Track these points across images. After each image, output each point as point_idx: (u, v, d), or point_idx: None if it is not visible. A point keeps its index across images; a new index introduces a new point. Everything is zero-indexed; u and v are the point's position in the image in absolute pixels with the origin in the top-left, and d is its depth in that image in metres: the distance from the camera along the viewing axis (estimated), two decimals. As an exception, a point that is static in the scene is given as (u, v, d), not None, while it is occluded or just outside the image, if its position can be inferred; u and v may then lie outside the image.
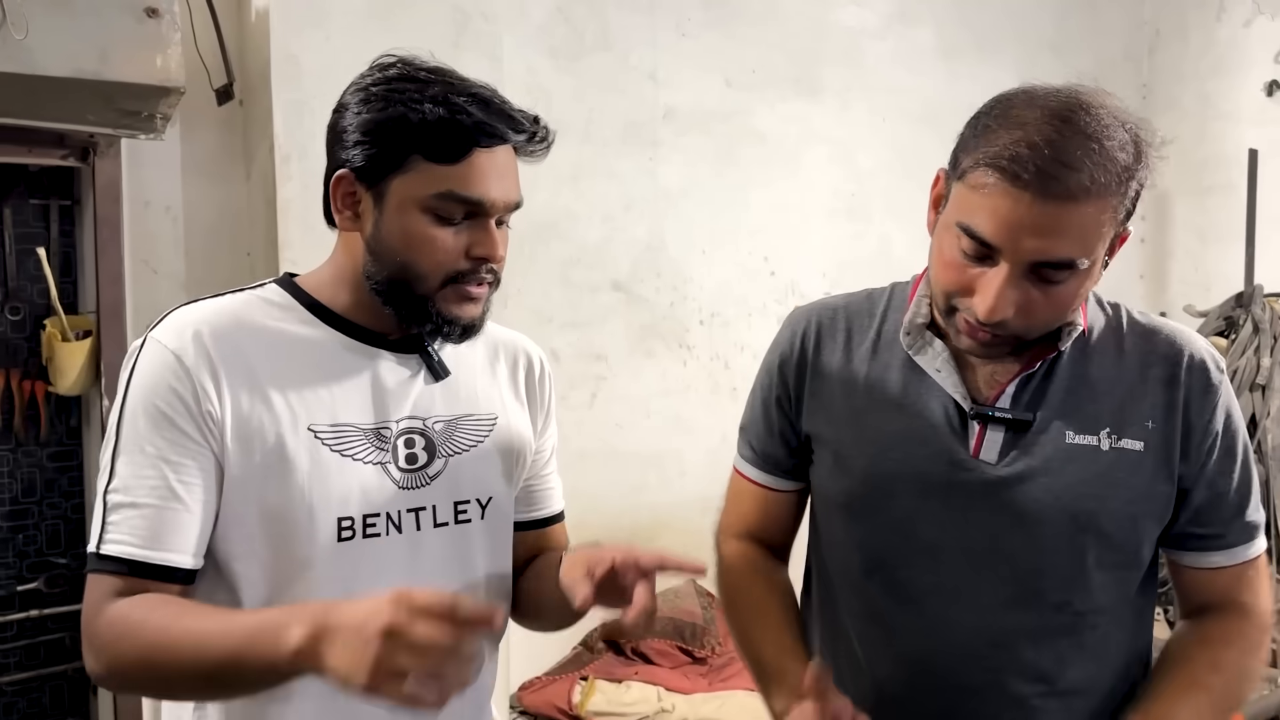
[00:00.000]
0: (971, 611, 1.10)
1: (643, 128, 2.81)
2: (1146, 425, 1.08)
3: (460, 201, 1.04)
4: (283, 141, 2.20)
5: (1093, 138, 0.95)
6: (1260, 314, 3.12)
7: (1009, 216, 0.96)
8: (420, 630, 0.82)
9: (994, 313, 0.99)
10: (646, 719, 2.41)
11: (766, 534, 1.28)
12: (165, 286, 2.32)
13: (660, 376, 2.89)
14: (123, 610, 0.97)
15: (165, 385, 1.01)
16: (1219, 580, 1.14)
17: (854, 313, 1.22)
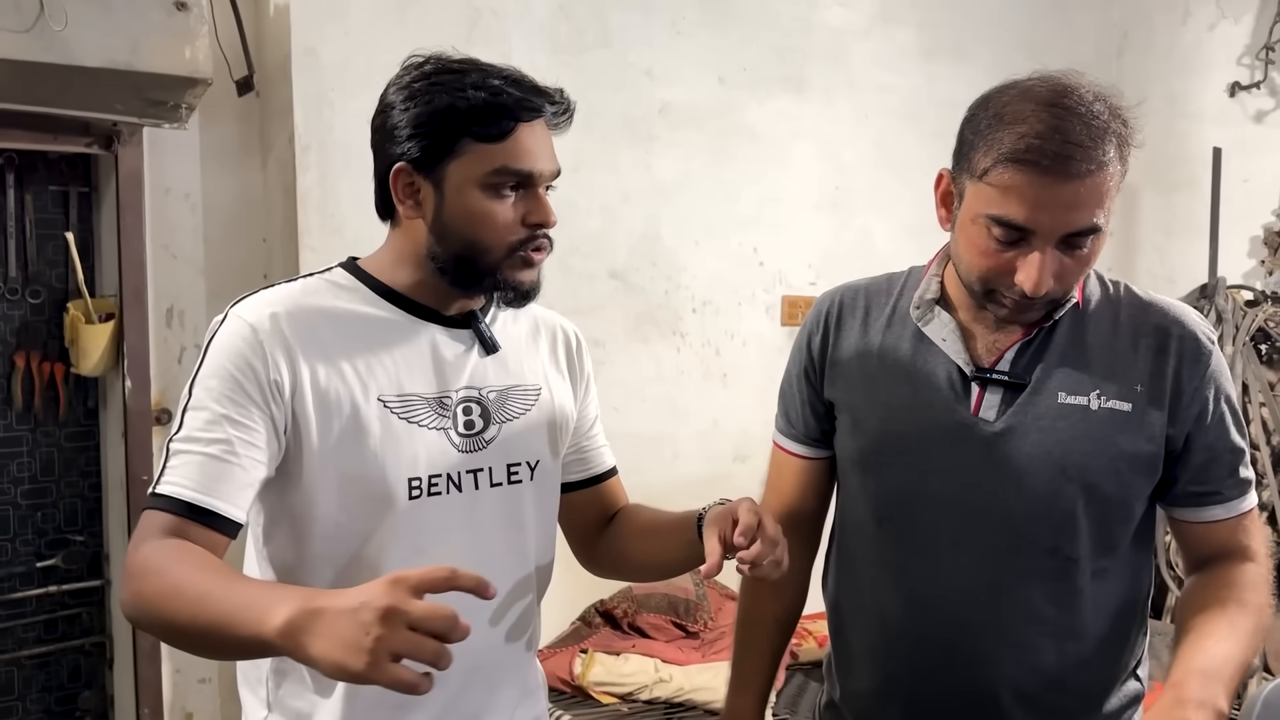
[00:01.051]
0: (971, 555, 1.21)
1: (640, 123, 2.91)
2: (1135, 389, 1.19)
3: (513, 174, 1.13)
4: (302, 132, 2.28)
5: (1086, 115, 1.07)
6: (1223, 305, 3.28)
7: (1039, 200, 1.07)
8: (419, 609, 0.83)
9: (1040, 287, 1.10)
10: (645, 688, 2.51)
11: (805, 503, 1.39)
12: (184, 271, 2.39)
13: (655, 362, 2.99)
14: (156, 548, 1.02)
15: (239, 353, 1.10)
16: (1219, 532, 1.24)
17: (874, 292, 1.34)
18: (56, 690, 2.43)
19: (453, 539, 1.18)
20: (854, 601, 1.35)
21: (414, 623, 0.83)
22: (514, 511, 1.24)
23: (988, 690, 1.23)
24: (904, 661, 1.29)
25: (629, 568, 1.41)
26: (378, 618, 0.82)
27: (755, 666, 1.43)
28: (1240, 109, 3.59)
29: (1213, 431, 1.21)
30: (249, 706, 1.22)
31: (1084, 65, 3.84)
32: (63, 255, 2.31)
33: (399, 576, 0.85)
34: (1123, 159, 1.10)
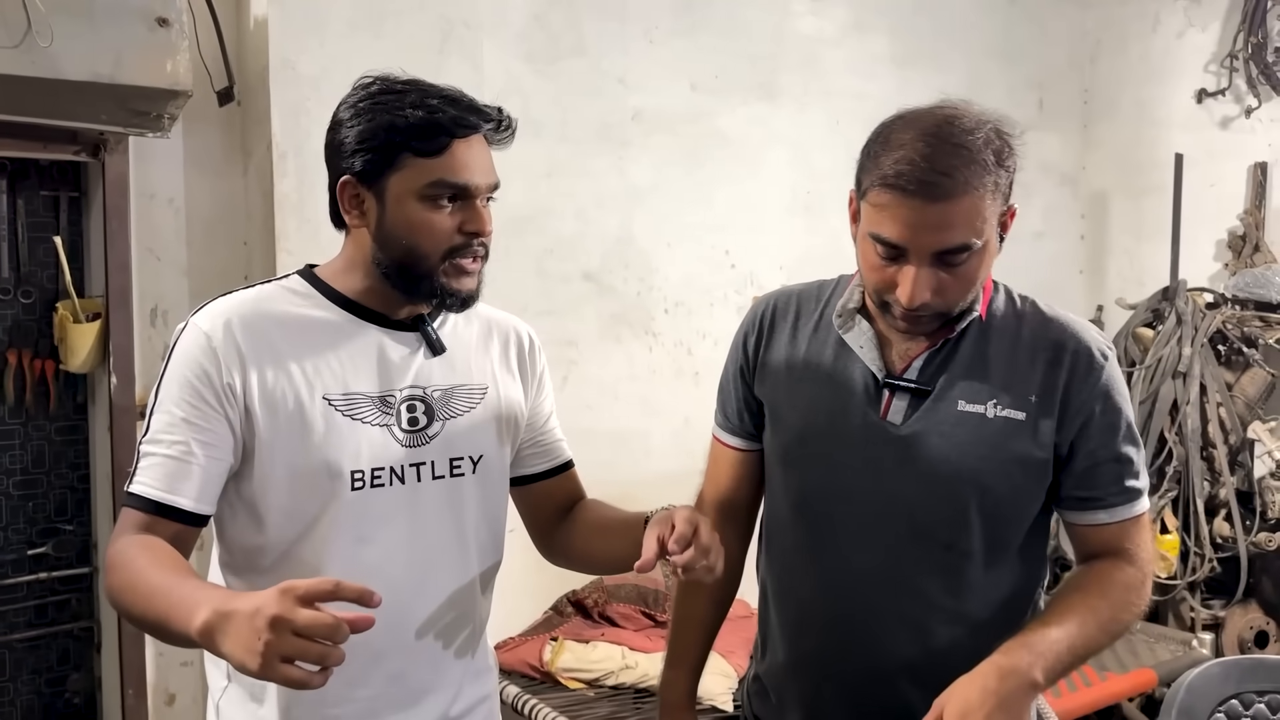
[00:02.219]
0: (876, 546, 1.32)
1: (613, 129, 2.99)
2: (1030, 399, 1.29)
3: (448, 187, 1.23)
4: (280, 140, 2.38)
5: (959, 144, 1.17)
6: (1183, 307, 3.36)
7: (906, 221, 1.18)
8: (302, 618, 0.93)
9: (914, 299, 1.21)
10: (612, 674, 2.61)
11: (739, 491, 1.50)
12: (168, 273, 2.49)
13: (628, 361, 3.08)
14: (125, 545, 1.16)
15: (196, 360, 1.21)
16: (1103, 535, 1.33)
17: (805, 298, 1.44)
18: (46, 672, 2.53)
19: (395, 526, 1.28)
20: (776, 583, 1.45)
21: (299, 629, 0.93)
22: (455, 502, 1.33)
23: (886, 668, 1.33)
24: (814, 640, 1.39)
25: (581, 560, 1.49)
26: (266, 625, 0.93)
27: (691, 641, 1.54)
28: (1207, 115, 3.68)
29: (1096, 440, 1.30)
30: (212, 678, 1.33)
31: (1057, 72, 3.95)
32: (52, 258, 2.40)
33: (287, 587, 0.95)
34: (998, 183, 1.19)
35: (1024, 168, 3.55)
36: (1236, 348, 3.29)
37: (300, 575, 1.19)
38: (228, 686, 1.30)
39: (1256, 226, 3.50)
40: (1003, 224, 1.27)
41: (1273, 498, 3.16)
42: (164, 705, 2.53)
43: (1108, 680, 2.80)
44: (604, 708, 2.49)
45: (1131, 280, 3.85)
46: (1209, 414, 3.24)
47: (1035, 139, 3.85)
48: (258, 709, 1.27)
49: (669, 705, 1.54)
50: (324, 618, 0.94)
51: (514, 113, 1.29)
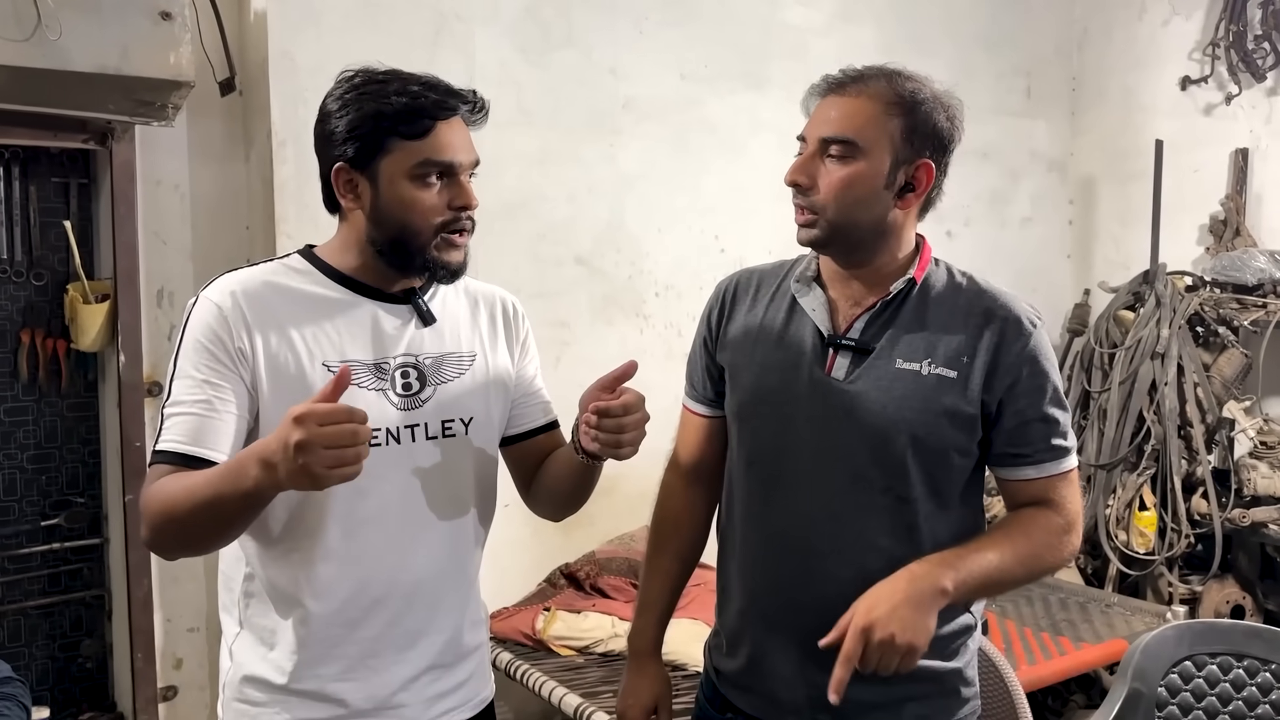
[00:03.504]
0: (821, 493, 1.42)
1: (604, 117, 3.07)
2: (961, 360, 1.39)
3: (435, 165, 1.34)
4: (279, 129, 2.48)
5: (887, 72, 1.38)
6: (1163, 290, 3.43)
7: (813, 116, 1.40)
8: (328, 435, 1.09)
9: (792, 174, 1.39)
10: (601, 642, 2.71)
11: (705, 455, 1.60)
12: (174, 256, 2.58)
13: (619, 343, 3.16)
14: (158, 484, 1.27)
15: (209, 327, 1.32)
16: (1031, 489, 1.43)
17: (766, 274, 1.56)
18: (60, 639, 2.64)
19: (392, 482, 1.39)
20: (732, 533, 1.55)
21: (325, 441, 1.09)
22: (448, 459, 1.44)
23: (832, 608, 1.36)
24: (765, 583, 1.49)
25: (546, 498, 1.59)
26: (298, 451, 1.09)
27: (656, 591, 1.64)
28: (1190, 102, 3.74)
29: (1023, 400, 1.40)
30: (226, 626, 1.44)
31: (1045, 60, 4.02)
32: (63, 241, 2.51)
33: (302, 413, 1.10)
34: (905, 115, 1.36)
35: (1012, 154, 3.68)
36: (1213, 329, 3.37)
37: (304, 526, 1.35)
38: (240, 632, 1.42)
39: (1237, 211, 3.57)
40: (913, 175, 1.39)
41: (1248, 475, 3.23)
42: (171, 669, 2.65)
43: (1082, 649, 2.89)
44: (594, 673, 2.59)
45: (1118, 264, 3.92)
46: (1186, 394, 3.31)
47: (1023, 126, 3.97)
48: (268, 652, 1.39)
49: (637, 653, 1.64)
50: (339, 419, 1.11)
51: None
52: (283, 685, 1.37)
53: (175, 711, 2.64)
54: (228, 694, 1.42)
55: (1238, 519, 3.19)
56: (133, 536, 2.50)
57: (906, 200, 1.40)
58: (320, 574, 1.36)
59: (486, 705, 1.56)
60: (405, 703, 1.42)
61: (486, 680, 1.56)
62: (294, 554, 1.36)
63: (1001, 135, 3.89)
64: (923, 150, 1.38)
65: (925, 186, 1.40)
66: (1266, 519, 3.17)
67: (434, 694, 1.45)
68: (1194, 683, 2.05)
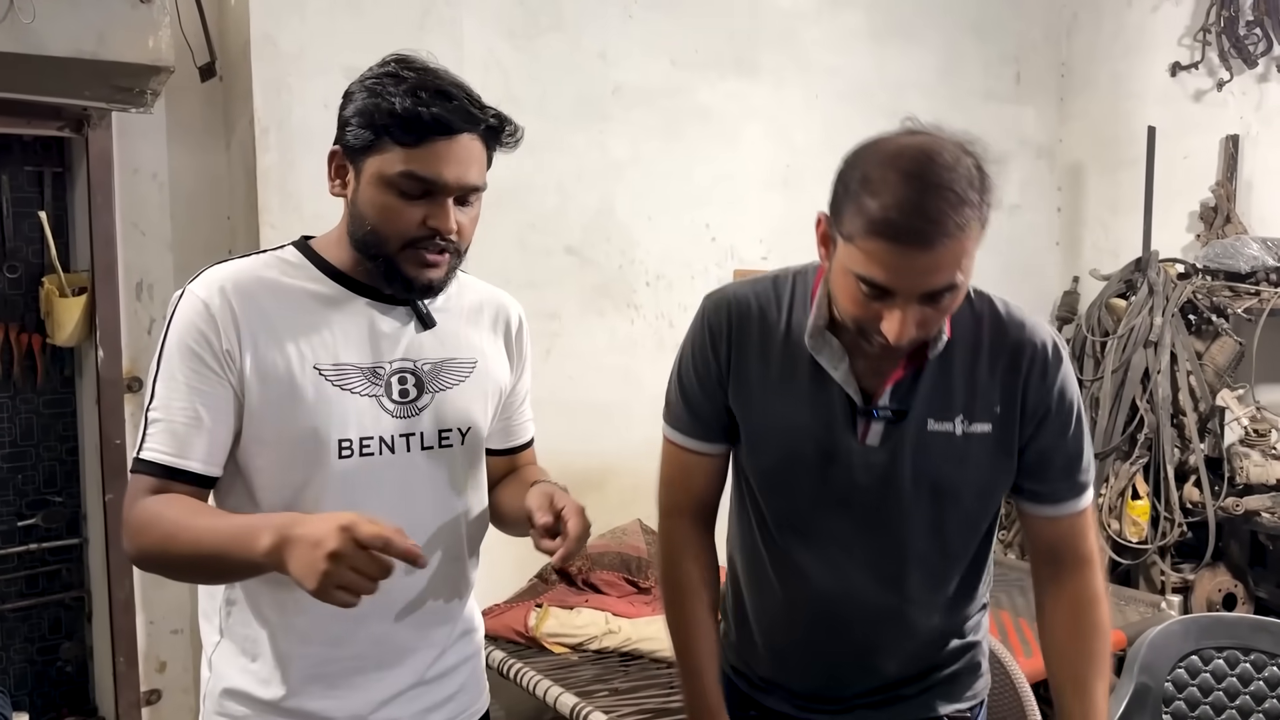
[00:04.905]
0: (861, 556, 1.37)
1: (594, 104, 3.02)
2: (994, 410, 1.33)
3: (418, 180, 1.23)
4: (261, 115, 2.41)
5: (945, 186, 1.13)
6: (1155, 278, 3.42)
7: (897, 267, 1.16)
8: (360, 560, 1.06)
9: (902, 338, 1.19)
10: (595, 639, 2.67)
11: (713, 494, 1.48)
12: (153, 247, 2.51)
13: (609, 334, 3.12)
14: (148, 505, 1.21)
15: (195, 327, 1.24)
16: (1054, 527, 1.40)
17: (763, 304, 1.38)
18: (39, 641, 2.58)
19: (385, 495, 1.31)
20: (752, 581, 1.48)
21: (355, 565, 1.07)
22: (445, 472, 1.37)
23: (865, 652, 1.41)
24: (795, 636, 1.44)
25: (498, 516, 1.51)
26: (326, 557, 1.05)
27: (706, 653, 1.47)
28: (1180, 89, 3.72)
29: (1048, 437, 1.35)
30: (206, 634, 1.37)
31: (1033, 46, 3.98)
32: (38, 232, 2.43)
33: (349, 524, 1.07)
34: (982, 219, 1.17)
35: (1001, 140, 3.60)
36: (1206, 317, 3.35)
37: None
38: (220, 642, 1.34)
39: (1228, 198, 3.56)
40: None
41: (1240, 464, 3.23)
42: (155, 672, 2.58)
43: (1078, 641, 2.87)
44: (588, 670, 2.55)
45: (1106, 252, 3.91)
46: (1179, 382, 3.30)
47: (1012, 113, 3.94)
48: (249, 663, 1.32)
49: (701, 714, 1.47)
50: (377, 560, 1.08)
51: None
52: (264, 700, 1.31)
53: (159, 715, 2.58)
54: (208, 706, 1.35)
55: (1231, 507, 3.19)
56: (113, 536, 2.43)
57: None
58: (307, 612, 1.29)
59: (480, 717, 1.50)
60: (391, 718, 1.36)
61: (479, 692, 1.50)
62: None
63: (990, 122, 3.85)
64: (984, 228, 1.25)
65: None
66: (1259, 507, 3.17)
67: (420, 709, 1.39)
68: (1200, 677, 2.03)
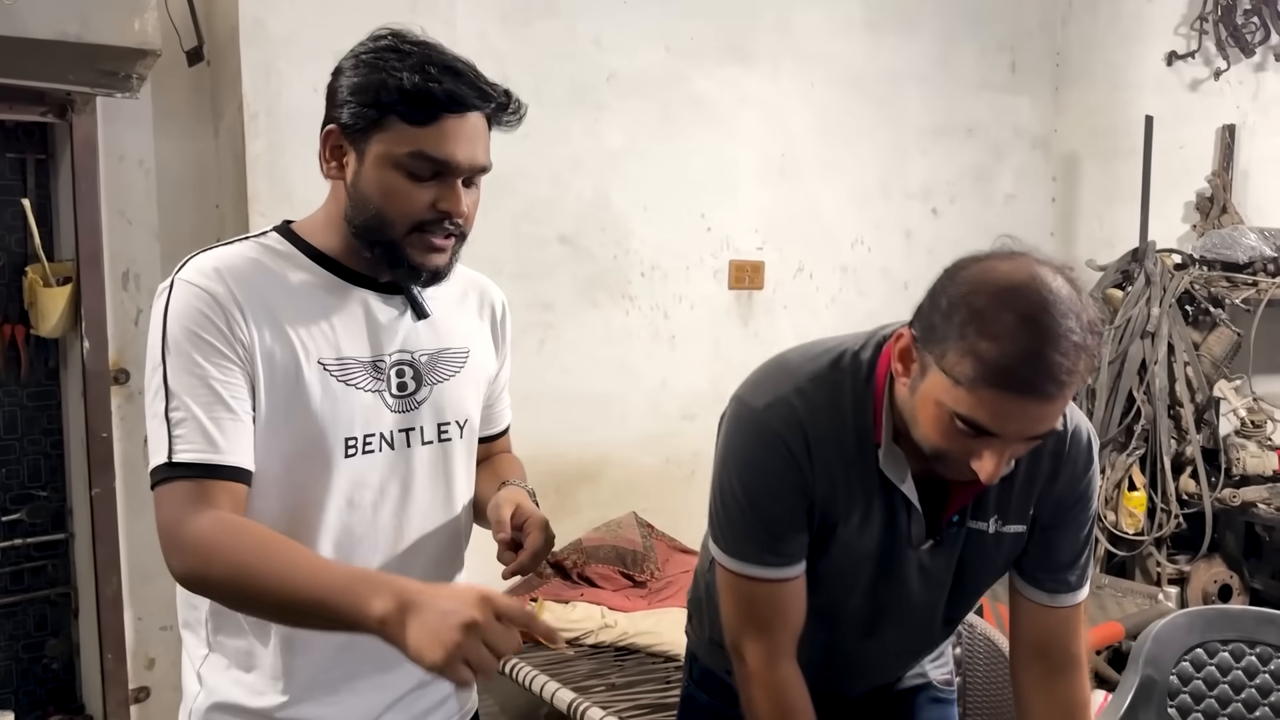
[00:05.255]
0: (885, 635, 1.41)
1: (588, 91, 2.98)
2: (1028, 513, 1.33)
3: (429, 160, 1.17)
4: (251, 101, 2.35)
5: (1066, 336, 1.05)
6: (1152, 268, 3.40)
7: (1008, 415, 1.08)
8: (496, 634, 0.95)
9: (995, 479, 1.14)
10: (591, 633, 2.64)
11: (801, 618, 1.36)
12: (139, 236, 2.46)
13: (604, 325, 3.09)
14: (211, 530, 1.10)
15: (202, 315, 1.14)
16: (1043, 617, 1.37)
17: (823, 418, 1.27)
18: (24, 639, 2.53)
19: (387, 493, 1.26)
20: None
21: (488, 640, 0.96)
22: (444, 466, 1.32)
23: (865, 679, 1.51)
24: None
25: None
26: (461, 627, 0.95)
27: None
28: (1176, 78, 3.70)
29: (1057, 532, 1.35)
30: (190, 645, 1.29)
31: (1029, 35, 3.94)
32: (21, 221, 2.37)
33: (488, 596, 0.98)
34: (1090, 370, 1.11)
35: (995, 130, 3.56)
36: (1204, 308, 3.34)
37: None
38: (208, 655, 1.27)
39: (1224, 188, 3.54)
40: None
41: (1237, 455, 3.22)
42: (144, 669, 2.54)
43: (1076, 633, 2.86)
44: (584, 665, 2.52)
45: (1101, 242, 3.88)
46: (1176, 373, 3.29)
47: (1007, 102, 3.91)
48: (242, 675, 1.25)
49: None
50: (515, 636, 0.98)
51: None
52: (259, 710, 1.24)
53: (148, 713, 2.54)
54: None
55: (1227, 499, 3.18)
56: (100, 531, 2.38)
57: None
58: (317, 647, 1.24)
59: (471, 716, 1.45)
60: None
61: (470, 691, 1.45)
62: None
63: (986, 111, 3.83)
64: None
65: None
66: (1255, 498, 3.16)
67: (418, 712, 1.34)
68: (1206, 670, 2.00)
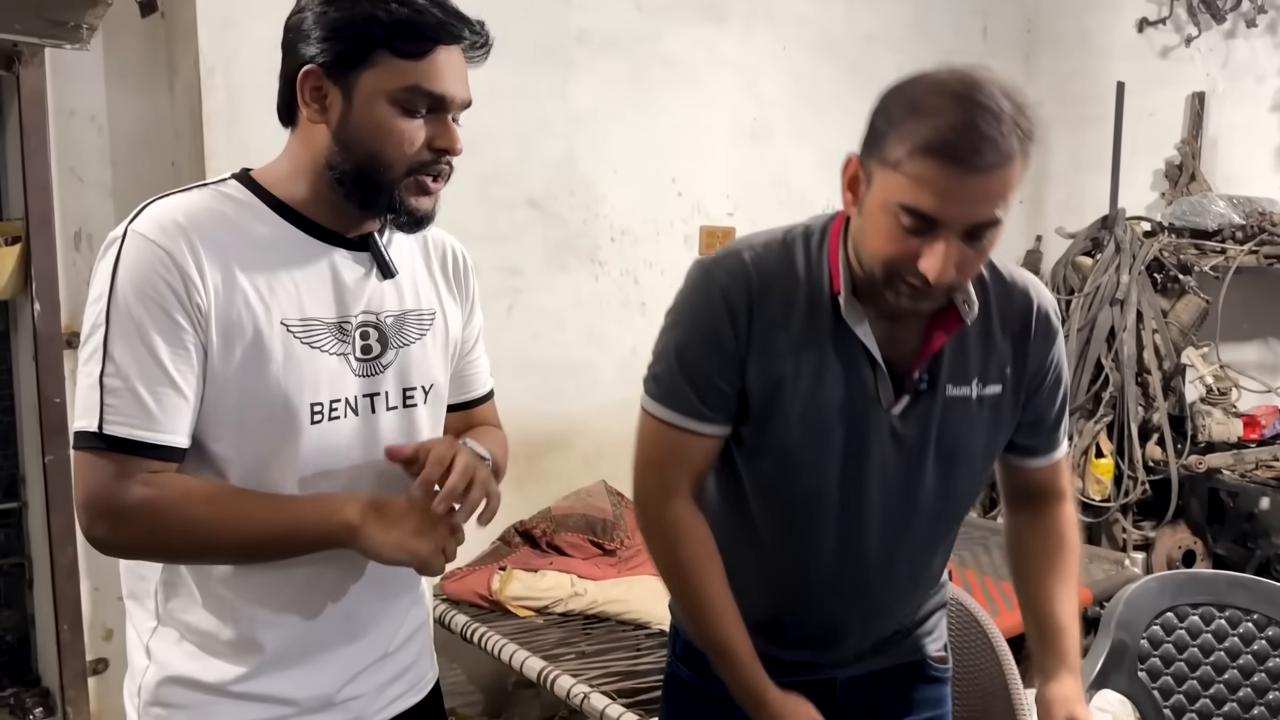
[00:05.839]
0: (877, 520, 1.33)
1: (556, 49, 2.91)
2: (1005, 371, 1.32)
3: (425, 94, 1.13)
4: (207, 54, 2.27)
5: (996, 111, 1.08)
6: (1122, 235, 3.40)
7: (946, 191, 1.10)
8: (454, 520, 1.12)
9: (943, 275, 1.13)
10: (560, 602, 2.61)
11: (704, 475, 1.36)
12: (92, 194, 2.37)
13: (574, 290, 3.04)
14: (156, 491, 1.09)
15: (156, 276, 1.07)
16: (1035, 476, 1.44)
17: (779, 271, 1.28)
18: (-24, 610, 2.47)
19: (352, 461, 1.21)
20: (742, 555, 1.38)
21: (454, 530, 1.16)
22: (409, 433, 1.26)
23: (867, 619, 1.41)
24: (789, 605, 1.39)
25: None
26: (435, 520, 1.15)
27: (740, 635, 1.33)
28: (1147, 44, 3.69)
29: (1044, 398, 1.37)
30: (136, 618, 1.23)
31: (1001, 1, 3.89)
32: (-35, 178, 2.29)
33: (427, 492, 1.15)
34: (1025, 155, 1.12)
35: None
36: (1172, 275, 3.35)
37: None
38: (157, 628, 1.21)
39: (1193, 156, 3.55)
40: None
41: (1203, 422, 3.24)
42: (101, 640, 2.48)
43: (1044, 599, 2.87)
44: (553, 634, 2.49)
45: (1071, 210, 3.88)
46: (1144, 340, 3.30)
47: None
48: (196, 649, 1.20)
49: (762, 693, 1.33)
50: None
51: None
52: (216, 685, 1.19)
53: (106, 685, 2.47)
54: (144, 698, 1.21)
55: (1193, 465, 3.20)
56: (54, 499, 2.31)
57: None
58: (270, 565, 1.19)
59: (433, 686, 1.42)
60: (354, 695, 1.27)
61: (431, 660, 1.42)
62: None
63: (958, 77, 3.80)
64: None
65: None
66: (1220, 465, 3.19)
67: (382, 682, 1.31)
68: (1176, 634, 2.02)
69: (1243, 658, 1.97)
